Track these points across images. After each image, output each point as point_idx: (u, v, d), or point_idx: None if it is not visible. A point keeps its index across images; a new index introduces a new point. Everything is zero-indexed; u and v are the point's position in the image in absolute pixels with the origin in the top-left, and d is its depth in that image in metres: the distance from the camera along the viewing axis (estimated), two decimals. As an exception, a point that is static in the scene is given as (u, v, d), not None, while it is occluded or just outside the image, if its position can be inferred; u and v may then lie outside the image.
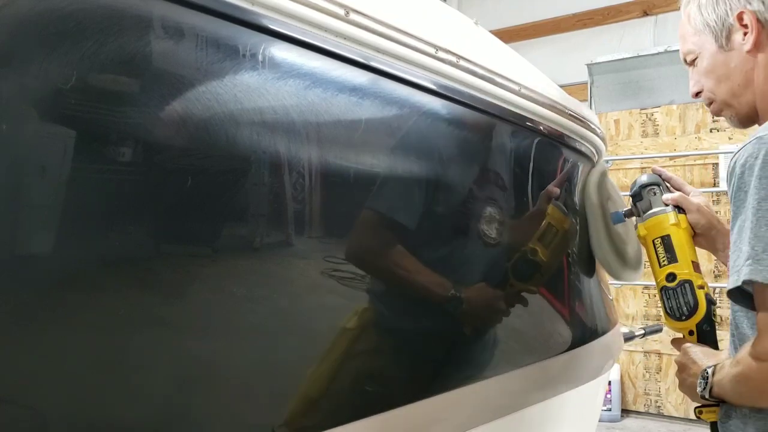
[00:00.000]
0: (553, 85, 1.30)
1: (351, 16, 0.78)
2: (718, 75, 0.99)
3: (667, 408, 3.91)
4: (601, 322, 1.49)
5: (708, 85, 1.02)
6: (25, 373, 0.52)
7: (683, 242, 1.16)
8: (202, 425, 0.65)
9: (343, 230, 0.84)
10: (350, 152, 0.84)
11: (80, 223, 0.56)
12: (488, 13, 5.07)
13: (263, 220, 0.73)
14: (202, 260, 0.67)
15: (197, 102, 0.65)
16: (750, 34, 0.94)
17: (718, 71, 0.99)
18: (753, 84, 0.96)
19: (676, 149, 3.90)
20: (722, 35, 0.97)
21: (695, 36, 1.01)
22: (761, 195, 0.82)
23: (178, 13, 0.63)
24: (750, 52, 0.95)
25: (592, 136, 1.42)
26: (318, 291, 0.79)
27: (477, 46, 1.09)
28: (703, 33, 1.00)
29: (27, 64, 0.52)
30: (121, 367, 0.58)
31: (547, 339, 1.28)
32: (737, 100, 0.99)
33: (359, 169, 0.86)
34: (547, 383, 1.23)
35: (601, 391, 1.64)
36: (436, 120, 1.01)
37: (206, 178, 0.67)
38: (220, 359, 0.66)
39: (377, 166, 0.89)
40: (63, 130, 0.55)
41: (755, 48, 0.94)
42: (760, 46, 0.94)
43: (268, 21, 0.70)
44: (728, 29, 0.96)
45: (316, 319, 0.79)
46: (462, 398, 0.97)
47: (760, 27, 0.94)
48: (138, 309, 0.60)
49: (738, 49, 0.96)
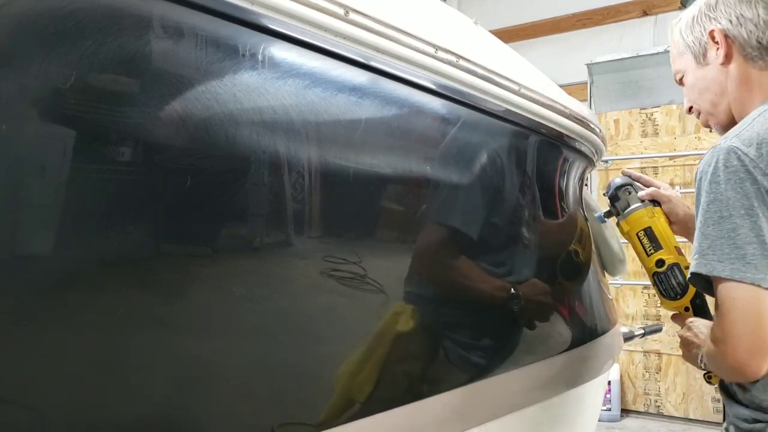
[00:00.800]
0: (553, 85, 1.30)
1: (351, 16, 0.78)
2: (700, 88, 1.14)
3: (666, 408, 3.91)
4: (600, 321, 1.49)
5: (693, 99, 1.17)
6: (25, 373, 0.52)
7: (664, 231, 1.29)
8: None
9: (343, 230, 0.84)
10: (349, 152, 0.84)
11: (79, 223, 0.56)
12: (488, 13, 5.07)
13: (262, 220, 0.73)
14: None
15: (197, 102, 0.65)
16: (720, 49, 1.08)
17: (699, 85, 1.14)
18: (727, 92, 1.10)
19: (675, 149, 3.90)
20: (700, 53, 1.12)
21: (680, 57, 1.16)
22: (709, 198, 0.95)
23: (177, 13, 0.63)
24: (723, 64, 1.08)
25: (592, 136, 1.42)
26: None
27: (477, 45, 1.09)
28: (685, 54, 1.14)
29: (26, 63, 0.52)
30: (128, 368, 0.58)
31: (547, 338, 1.28)
32: (716, 109, 1.12)
33: (358, 168, 0.86)
34: (547, 383, 1.23)
35: (600, 391, 1.65)
36: (436, 120, 1.01)
37: (206, 178, 0.67)
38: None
39: (377, 166, 0.89)
40: (62, 129, 0.55)
41: (726, 60, 1.08)
42: (730, 58, 1.08)
43: (267, 21, 0.70)
44: (704, 47, 1.11)
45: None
46: (461, 398, 0.97)
47: (729, 42, 1.07)
48: (141, 309, 0.60)
49: (713, 63, 1.10)
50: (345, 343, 0.83)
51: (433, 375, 0.97)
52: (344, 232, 0.84)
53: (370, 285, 0.87)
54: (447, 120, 1.02)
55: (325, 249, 0.80)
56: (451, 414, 0.96)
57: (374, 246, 0.90)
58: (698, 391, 3.81)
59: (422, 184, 0.98)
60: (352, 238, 0.85)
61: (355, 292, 0.85)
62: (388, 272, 0.90)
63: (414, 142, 0.96)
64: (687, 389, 3.84)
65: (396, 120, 0.93)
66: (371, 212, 0.89)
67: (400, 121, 0.94)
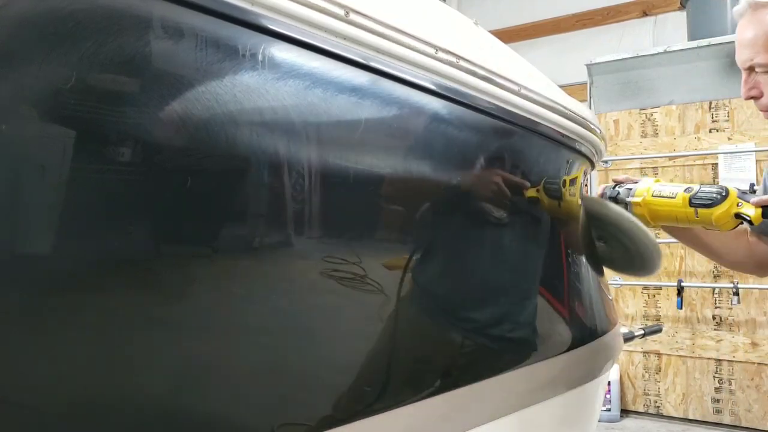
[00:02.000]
0: (553, 86, 1.30)
1: (351, 17, 0.78)
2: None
3: (666, 408, 3.91)
4: (600, 322, 1.49)
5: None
6: (25, 372, 0.52)
7: (673, 183, 1.27)
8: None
9: (344, 230, 0.84)
10: (349, 152, 0.84)
11: (79, 223, 0.56)
12: (488, 14, 5.08)
13: (262, 220, 0.73)
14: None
15: (197, 102, 0.65)
16: None
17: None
18: None
19: (675, 149, 3.90)
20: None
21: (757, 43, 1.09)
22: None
23: (176, 13, 0.63)
24: None
25: (592, 136, 1.42)
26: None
27: (477, 46, 1.09)
28: None
29: (26, 64, 0.52)
30: (128, 368, 0.58)
31: (546, 339, 1.28)
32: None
33: (358, 169, 0.86)
34: (547, 383, 1.23)
35: (600, 392, 1.64)
36: (435, 120, 1.01)
37: (206, 178, 0.67)
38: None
39: (377, 167, 0.89)
40: (62, 130, 0.55)
41: None
42: None
43: (267, 21, 0.70)
44: None
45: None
46: (461, 398, 0.97)
47: None
48: (141, 309, 0.60)
49: None
50: (345, 343, 0.83)
51: (432, 375, 0.97)
52: (344, 232, 0.84)
53: (369, 285, 0.87)
54: (447, 120, 1.02)
55: (325, 249, 0.80)
56: (450, 414, 0.96)
57: (374, 246, 0.90)
58: (698, 392, 3.81)
59: (422, 184, 0.98)
60: (352, 239, 0.85)
61: (354, 293, 0.85)
62: (388, 273, 0.90)
63: (414, 142, 0.96)
64: (686, 390, 3.85)
65: (396, 120, 0.93)
66: (371, 212, 0.89)
67: (400, 121, 0.94)
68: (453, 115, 1.02)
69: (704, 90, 3.80)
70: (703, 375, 3.80)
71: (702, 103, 3.82)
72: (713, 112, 3.79)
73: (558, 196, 1.35)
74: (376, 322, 0.88)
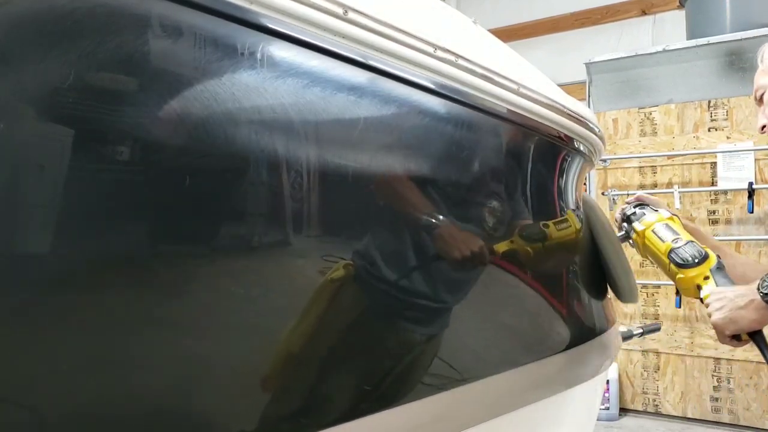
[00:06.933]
0: (552, 85, 1.30)
1: (349, 15, 0.78)
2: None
3: (665, 407, 3.92)
4: (599, 321, 1.49)
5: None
6: (25, 373, 0.52)
7: (679, 227, 1.30)
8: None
9: (342, 229, 0.84)
10: (347, 151, 0.84)
11: (79, 223, 0.56)
12: (487, 12, 5.08)
13: (261, 219, 0.73)
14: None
15: (195, 101, 0.65)
16: None
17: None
18: None
19: (674, 148, 3.90)
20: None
21: (764, 75, 1.17)
22: None
23: (175, 12, 0.63)
24: None
25: (591, 135, 1.42)
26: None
27: (476, 45, 1.09)
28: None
29: (25, 63, 0.52)
30: (128, 368, 0.58)
31: (545, 338, 1.28)
32: None
33: (357, 167, 0.86)
34: (545, 382, 1.23)
35: (599, 391, 1.65)
36: (434, 119, 1.01)
37: (205, 177, 0.66)
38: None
39: (375, 165, 0.89)
40: (61, 129, 0.55)
41: None
42: None
43: (266, 20, 0.70)
44: None
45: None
46: (459, 398, 0.97)
47: None
48: (140, 308, 0.60)
49: None
50: (345, 343, 0.83)
51: (431, 375, 0.97)
52: (343, 230, 0.84)
53: (369, 285, 0.87)
54: (445, 119, 1.02)
55: (324, 248, 0.80)
56: (448, 414, 0.96)
57: (374, 246, 0.90)
58: (696, 390, 3.82)
59: (420, 183, 0.98)
60: (350, 237, 0.85)
61: (354, 293, 0.85)
62: (387, 273, 0.90)
63: (412, 140, 0.96)
64: (685, 388, 3.85)
65: (394, 119, 0.93)
66: (370, 211, 0.89)
67: (398, 120, 0.94)
68: (452, 113, 1.02)
69: (703, 89, 3.80)
70: (701, 374, 3.80)
71: (701, 102, 3.82)
72: (712, 111, 3.79)
73: (557, 195, 1.35)
74: (375, 321, 0.88)
